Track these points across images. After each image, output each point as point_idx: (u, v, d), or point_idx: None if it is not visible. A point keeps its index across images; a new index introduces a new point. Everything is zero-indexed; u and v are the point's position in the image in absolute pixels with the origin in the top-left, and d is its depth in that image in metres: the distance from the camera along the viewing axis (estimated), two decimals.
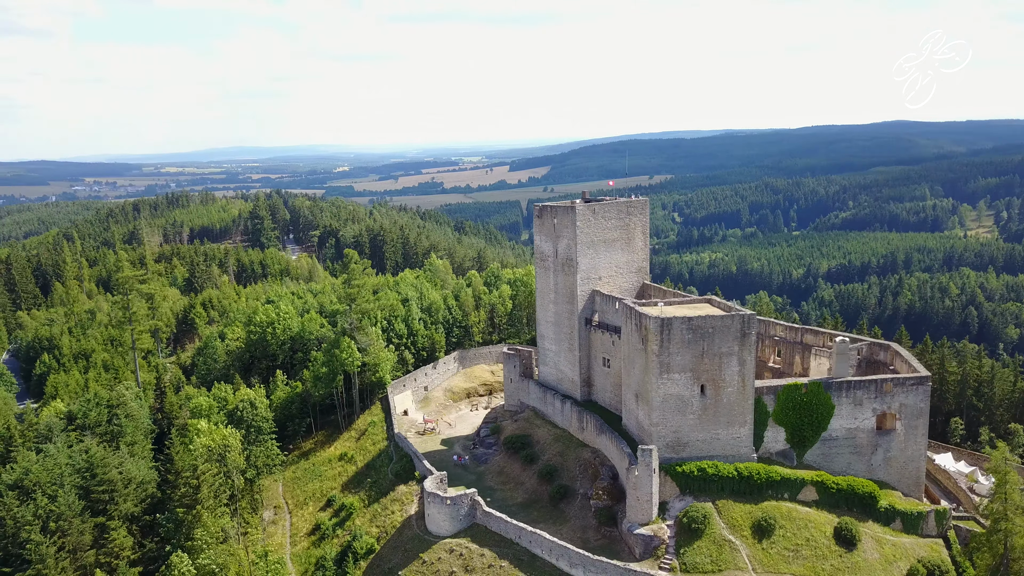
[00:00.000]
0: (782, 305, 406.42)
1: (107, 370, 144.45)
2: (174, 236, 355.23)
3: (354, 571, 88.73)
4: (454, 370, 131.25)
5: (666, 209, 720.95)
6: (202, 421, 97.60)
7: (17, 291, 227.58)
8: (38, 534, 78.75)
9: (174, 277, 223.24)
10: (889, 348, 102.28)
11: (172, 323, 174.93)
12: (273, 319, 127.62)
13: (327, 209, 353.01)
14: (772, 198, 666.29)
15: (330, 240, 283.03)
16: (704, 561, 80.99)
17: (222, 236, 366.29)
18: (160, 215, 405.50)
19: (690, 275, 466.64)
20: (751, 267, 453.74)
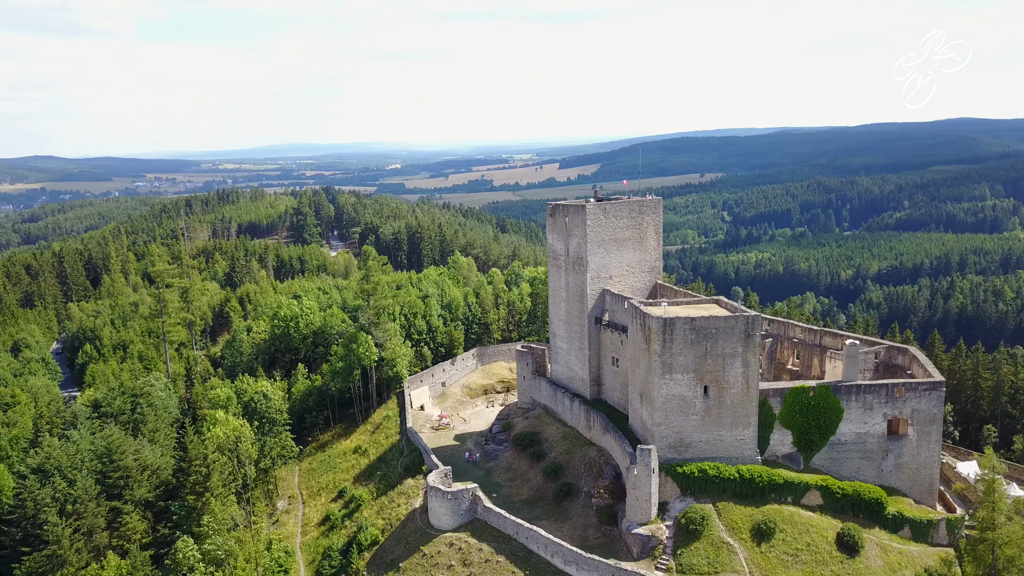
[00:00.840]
0: (828, 307, 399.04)
1: (142, 361, 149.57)
2: (222, 231, 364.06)
3: (358, 561, 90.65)
4: (473, 366, 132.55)
5: (715, 208, 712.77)
6: (218, 412, 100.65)
7: (68, 283, 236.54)
8: (55, 516, 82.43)
9: (215, 271, 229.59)
10: (907, 352, 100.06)
11: (209, 316, 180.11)
12: (296, 314, 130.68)
13: (370, 206, 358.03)
14: (824, 197, 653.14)
15: (370, 237, 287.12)
16: (700, 563, 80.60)
17: (268, 232, 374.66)
18: (211, 211, 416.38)
19: (736, 275, 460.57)
20: (798, 267, 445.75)
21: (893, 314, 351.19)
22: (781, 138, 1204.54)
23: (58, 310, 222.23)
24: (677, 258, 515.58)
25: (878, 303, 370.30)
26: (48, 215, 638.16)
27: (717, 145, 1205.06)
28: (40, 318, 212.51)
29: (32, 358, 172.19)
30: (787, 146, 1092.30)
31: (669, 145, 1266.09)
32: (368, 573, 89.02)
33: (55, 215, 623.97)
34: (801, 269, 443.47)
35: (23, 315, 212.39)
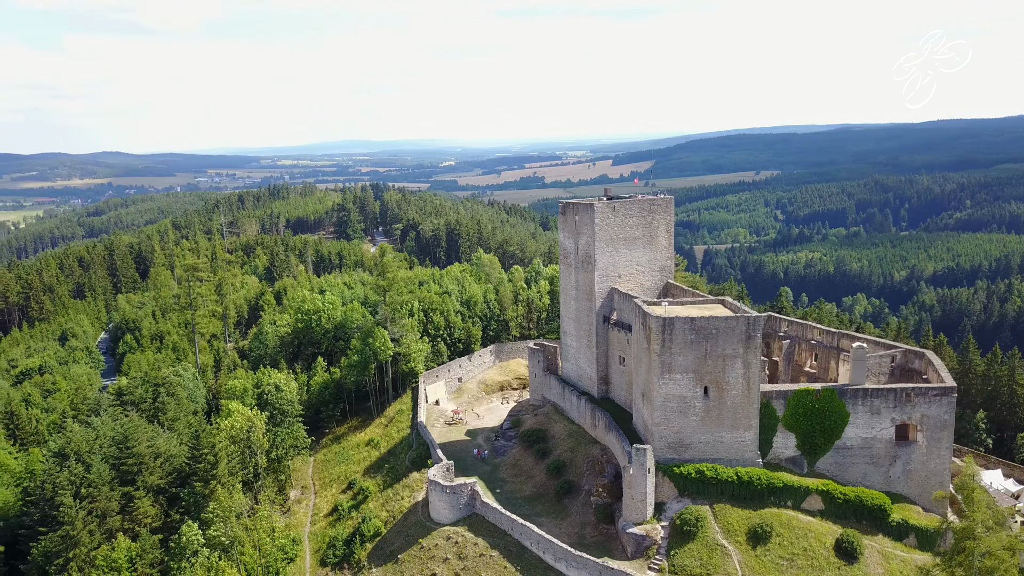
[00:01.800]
0: (879, 308, 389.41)
1: (175, 351, 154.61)
2: (271, 226, 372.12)
3: (360, 552, 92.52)
4: (490, 363, 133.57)
5: (768, 206, 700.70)
6: (233, 402, 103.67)
7: (118, 276, 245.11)
8: (69, 499, 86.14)
9: (255, 266, 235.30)
10: (924, 356, 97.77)
11: (244, 309, 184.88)
12: (319, 308, 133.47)
13: (414, 203, 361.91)
14: (881, 196, 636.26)
15: (411, 233, 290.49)
16: (693, 564, 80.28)
17: (316, 227, 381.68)
18: (261, 206, 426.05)
19: (784, 275, 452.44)
20: (850, 268, 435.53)
21: (947, 317, 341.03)
22: (840, 135, 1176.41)
23: (108, 301, 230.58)
24: (725, 257, 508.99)
25: (931, 305, 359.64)
26: (111, 209, 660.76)
27: (774, 142, 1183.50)
28: (90, 309, 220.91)
29: (77, 347, 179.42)
30: (846, 143, 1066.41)
31: (725, 142, 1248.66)
32: (368, 563, 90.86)
33: (117, 209, 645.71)
34: (852, 269, 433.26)
35: (73, 305, 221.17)
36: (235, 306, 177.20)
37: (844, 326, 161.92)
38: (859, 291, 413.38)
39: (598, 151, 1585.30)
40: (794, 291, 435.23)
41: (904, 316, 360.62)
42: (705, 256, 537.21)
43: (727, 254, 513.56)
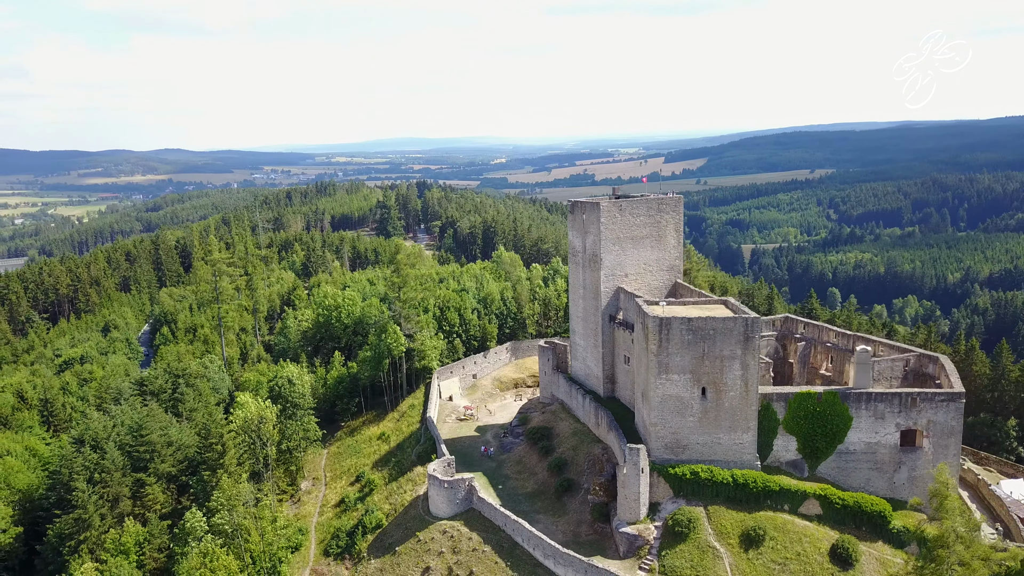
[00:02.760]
0: (930, 310, 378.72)
1: (205, 344, 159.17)
2: (316, 223, 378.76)
3: (361, 543, 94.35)
4: (506, 360, 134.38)
5: (821, 205, 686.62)
6: (246, 394, 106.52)
7: (163, 270, 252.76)
8: (83, 483, 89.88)
9: (292, 261, 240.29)
10: (937, 361, 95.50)
11: (277, 304, 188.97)
12: (339, 304, 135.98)
13: (454, 200, 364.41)
14: (939, 195, 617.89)
15: (449, 230, 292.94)
16: (683, 565, 79.96)
17: (359, 224, 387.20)
18: (308, 202, 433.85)
19: (833, 275, 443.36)
20: (901, 269, 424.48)
21: (1000, 321, 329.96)
22: (901, 132, 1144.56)
23: (152, 295, 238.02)
24: (773, 256, 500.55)
25: (984, 309, 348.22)
26: (168, 205, 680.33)
27: (831, 140, 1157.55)
28: (134, 302, 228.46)
29: (117, 338, 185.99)
30: (906, 141, 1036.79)
31: (780, 140, 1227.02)
32: (368, 555, 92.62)
33: (173, 205, 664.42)
34: (904, 271, 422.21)
35: (118, 298, 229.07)
36: (268, 300, 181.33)
37: (876, 330, 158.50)
38: (910, 293, 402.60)
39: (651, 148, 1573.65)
40: (842, 292, 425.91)
41: (956, 320, 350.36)
42: (752, 255, 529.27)
43: (774, 254, 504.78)
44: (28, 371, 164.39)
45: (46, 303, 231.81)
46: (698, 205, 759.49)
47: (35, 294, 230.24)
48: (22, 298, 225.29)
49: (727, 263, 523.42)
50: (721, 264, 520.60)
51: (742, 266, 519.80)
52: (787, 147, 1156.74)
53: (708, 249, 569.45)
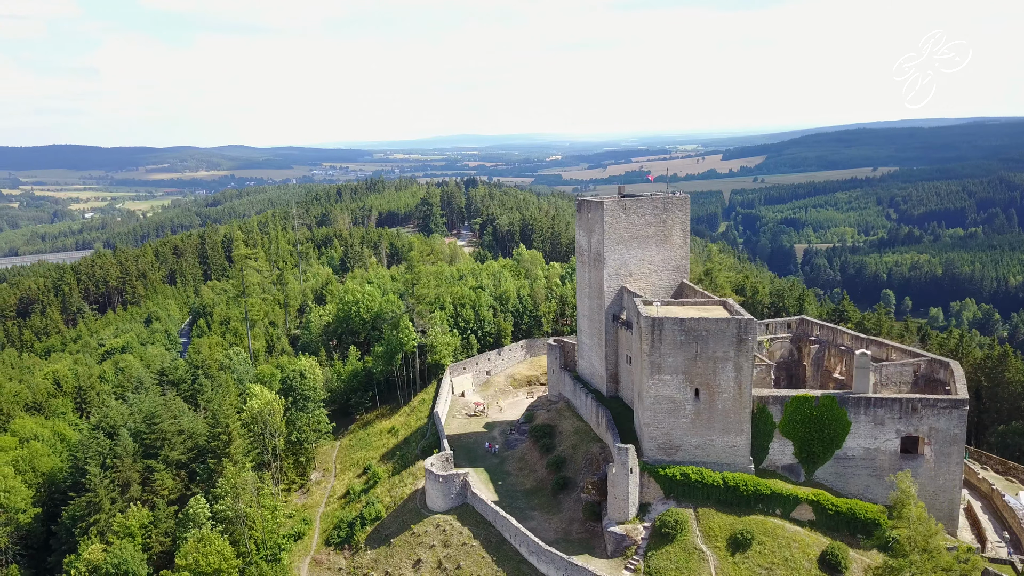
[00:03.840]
0: (989, 314, 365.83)
1: (236, 335, 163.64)
2: (363, 219, 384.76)
3: (360, 534, 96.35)
4: (520, 357, 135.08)
5: (880, 204, 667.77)
6: (258, 385, 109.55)
7: (208, 263, 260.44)
8: (95, 468, 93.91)
9: (331, 256, 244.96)
10: (948, 367, 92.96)
11: (310, 298, 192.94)
12: (358, 299, 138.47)
13: (498, 197, 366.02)
14: (1006, 195, 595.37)
15: (488, 227, 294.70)
16: (668, 567, 79.66)
17: (405, 220, 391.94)
18: (358, 199, 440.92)
19: (888, 277, 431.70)
20: (960, 271, 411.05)
21: None
22: (972, 129, 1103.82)
23: (197, 288, 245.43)
24: (825, 257, 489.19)
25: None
26: (227, 200, 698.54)
27: (897, 137, 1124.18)
28: (179, 294, 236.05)
29: (158, 329, 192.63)
30: (977, 138, 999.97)
31: (843, 137, 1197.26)
32: (365, 546, 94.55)
33: (231, 200, 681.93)
34: (963, 273, 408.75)
35: (163, 290, 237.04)
36: (301, 295, 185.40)
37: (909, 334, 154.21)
38: (969, 295, 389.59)
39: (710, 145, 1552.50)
40: (897, 294, 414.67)
41: (1015, 324, 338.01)
42: (804, 255, 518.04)
43: (827, 254, 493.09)
44: (71, 359, 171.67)
45: (97, 294, 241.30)
46: (753, 203, 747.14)
47: (87, 286, 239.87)
48: (74, 289, 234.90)
49: (779, 263, 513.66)
50: (772, 264, 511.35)
51: (794, 266, 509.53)
52: (850, 144, 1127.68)
53: (760, 248, 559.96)
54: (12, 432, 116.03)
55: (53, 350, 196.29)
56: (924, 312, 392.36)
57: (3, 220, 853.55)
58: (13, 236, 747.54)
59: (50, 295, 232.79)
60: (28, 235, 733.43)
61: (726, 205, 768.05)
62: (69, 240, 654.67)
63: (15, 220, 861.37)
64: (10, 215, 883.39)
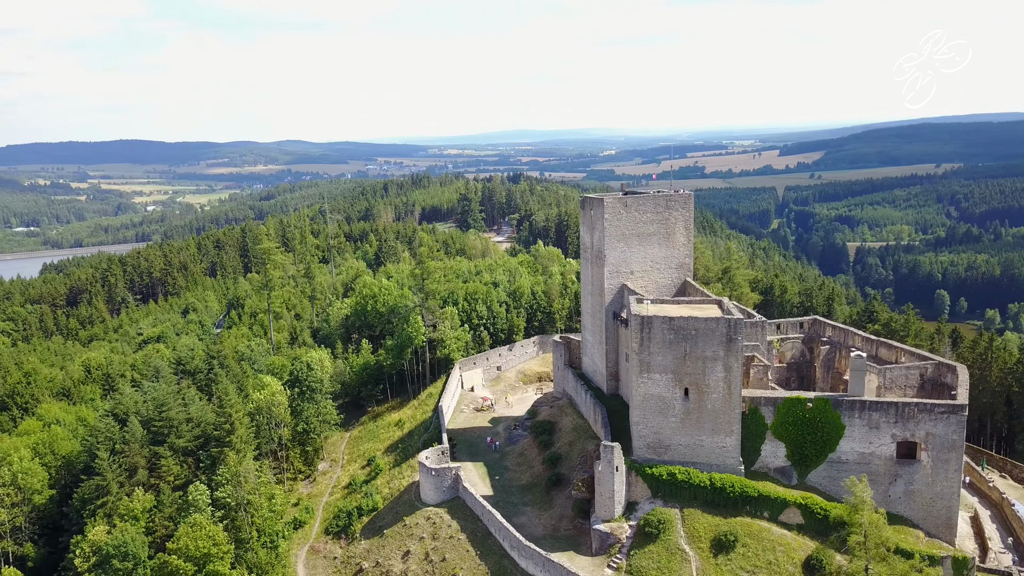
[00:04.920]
0: None
1: (263, 327, 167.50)
2: (405, 214, 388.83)
3: (356, 524, 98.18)
4: (532, 353, 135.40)
5: (941, 202, 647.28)
6: (268, 376, 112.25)
7: (249, 256, 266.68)
8: (104, 452, 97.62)
9: (365, 251, 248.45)
10: (955, 370, 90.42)
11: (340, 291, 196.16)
12: (375, 292, 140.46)
13: (538, 193, 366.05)
14: None
15: (525, 223, 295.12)
16: (650, 566, 79.32)
17: (447, 216, 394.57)
18: (404, 194, 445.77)
19: (943, 277, 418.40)
20: (1020, 272, 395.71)
21: None
22: None
23: (236, 280, 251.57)
24: (877, 256, 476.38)
25: None
26: (280, 194, 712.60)
27: (962, 132, 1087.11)
28: (218, 286, 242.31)
29: (194, 320, 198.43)
30: None
31: (905, 132, 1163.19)
32: (360, 536, 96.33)
33: (284, 194, 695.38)
34: (1023, 274, 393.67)
35: (203, 282, 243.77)
36: (331, 288, 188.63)
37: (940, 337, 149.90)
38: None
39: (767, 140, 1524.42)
40: (952, 295, 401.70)
41: None
42: (857, 254, 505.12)
43: (879, 253, 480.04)
44: (108, 347, 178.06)
45: (141, 285, 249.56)
46: (807, 200, 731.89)
47: (132, 277, 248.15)
48: (120, 280, 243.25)
49: (830, 261, 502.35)
50: (823, 262, 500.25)
51: (846, 265, 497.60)
52: (912, 140, 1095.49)
53: (811, 246, 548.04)
54: (38, 416, 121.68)
55: (96, 338, 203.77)
56: (980, 314, 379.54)
57: (71, 212, 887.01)
58: (79, 228, 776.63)
59: (97, 285, 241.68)
60: (92, 227, 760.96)
61: (779, 202, 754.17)
62: (130, 232, 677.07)
63: (82, 212, 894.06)
64: (77, 207, 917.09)
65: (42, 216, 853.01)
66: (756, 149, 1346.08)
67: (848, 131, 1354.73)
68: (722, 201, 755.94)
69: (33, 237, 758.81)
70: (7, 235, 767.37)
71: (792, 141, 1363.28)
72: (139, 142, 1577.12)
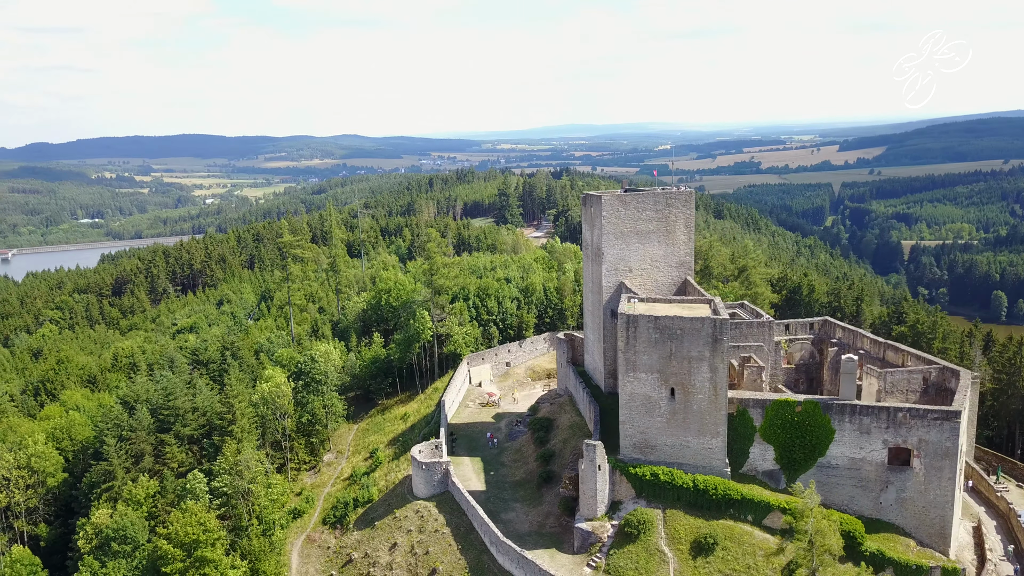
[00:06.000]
0: None
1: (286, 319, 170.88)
2: (447, 209, 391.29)
3: (351, 515, 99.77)
4: (543, 350, 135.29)
5: (1006, 199, 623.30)
6: (274, 368, 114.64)
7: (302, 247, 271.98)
8: (112, 439, 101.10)
9: (399, 246, 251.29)
10: (959, 375, 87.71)
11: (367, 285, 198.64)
12: (390, 287, 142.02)
13: (580, 188, 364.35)
14: None
15: (561, 219, 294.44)
16: (627, 566, 79.00)
17: (488, 211, 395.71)
18: (449, 189, 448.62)
19: (1001, 277, 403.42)
20: None
21: None
22: None
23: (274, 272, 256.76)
24: (932, 255, 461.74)
25: None
26: (331, 188, 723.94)
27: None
28: (255, 278, 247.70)
29: (227, 311, 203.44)
30: None
31: (973, 127, 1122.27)
32: (353, 527, 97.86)
33: (335, 188, 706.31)
34: None
35: (240, 274, 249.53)
36: (358, 282, 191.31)
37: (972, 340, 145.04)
38: None
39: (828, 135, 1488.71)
40: (1009, 296, 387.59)
41: None
42: (912, 252, 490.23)
43: (935, 252, 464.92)
44: (142, 337, 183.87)
45: (183, 277, 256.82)
46: (863, 197, 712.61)
47: (174, 268, 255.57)
48: (163, 271, 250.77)
49: (883, 260, 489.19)
50: (876, 261, 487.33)
51: (900, 263, 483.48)
52: (980, 135, 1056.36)
53: (865, 245, 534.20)
54: (61, 402, 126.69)
55: (135, 328, 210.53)
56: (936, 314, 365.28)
57: (133, 205, 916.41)
58: (139, 220, 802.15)
59: (140, 276, 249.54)
60: (152, 219, 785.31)
61: (835, 198, 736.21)
62: (187, 225, 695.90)
63: (143, 205, 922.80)
64: (139, 200, 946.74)
65: (106, 208, 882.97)
66: (815, 144, 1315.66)
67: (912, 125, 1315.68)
68: (775, 197, 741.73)
69: (97, 228, 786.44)
70: (73, 226, 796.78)
71: (853, 136, 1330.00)
72: (200, 136, 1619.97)
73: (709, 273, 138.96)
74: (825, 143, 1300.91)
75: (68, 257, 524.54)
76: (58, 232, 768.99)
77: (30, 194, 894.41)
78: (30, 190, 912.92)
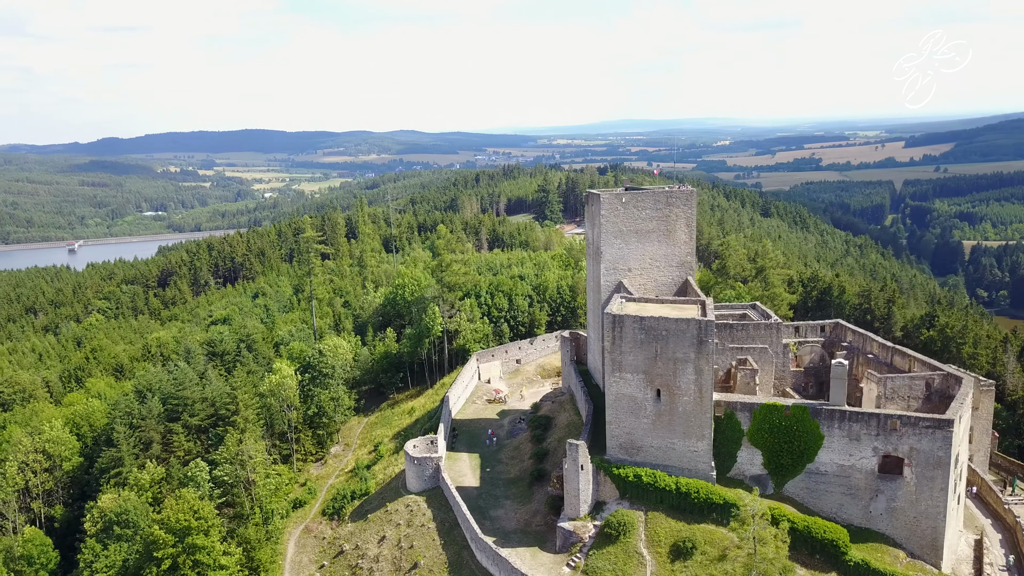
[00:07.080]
0: None
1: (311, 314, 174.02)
2: (491, 205, 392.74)
3: (348, 507, 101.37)
4: (554, 348, 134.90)
5: None
6: (284, 361, 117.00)
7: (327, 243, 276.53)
8: (121, 426, 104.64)
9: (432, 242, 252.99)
10: (961, 382, 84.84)
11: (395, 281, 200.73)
12: (406, 282, 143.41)
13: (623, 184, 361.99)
14: None
15: None
16: (605, 567, 78.59)
17: (531, 207, 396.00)
18: (495, 184, 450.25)
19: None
20: None
21: None
22: None
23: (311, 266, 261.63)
24: (994, 256, 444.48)
25: None
26: (384, 183, 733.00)
27: None
28: (292, 272, 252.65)
29: (260, 304, 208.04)
30: None
31: None
32: (348, 519, 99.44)
33: (387, 183, 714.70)
34: None
35: (278, 267, 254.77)
36: (386, 277, 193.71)
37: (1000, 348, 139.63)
38: None
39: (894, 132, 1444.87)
40: None
41: None
42: (972, 253, 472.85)
43: (996, 252, 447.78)
44: (177, 328, 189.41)
45: (224, 269, 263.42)
46: (926, 195, 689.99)
47: (216, 261, 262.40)
48: (205, 264, 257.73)
49: (943, 261, 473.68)
50: (935, 261, 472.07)
51: (960, 264, 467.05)
52: None
53: (924, 244, 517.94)
54: (85, 389, 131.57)
55: (174, 319, 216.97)
56: None
57: (195, 198, 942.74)
58: (199, 213, 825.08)
59: (184, 268, 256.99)
60: (211, 212, 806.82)
61: (895, 196, 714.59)
62: (244, 218, 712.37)
63: (205, 198, 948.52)
64: (201, 194, 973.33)
65: (169, 201, 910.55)
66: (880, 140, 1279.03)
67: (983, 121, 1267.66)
68: (832, 195, 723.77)
69: (159, 221, 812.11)
70: (137, 219, 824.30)
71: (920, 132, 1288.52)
72: (262, 131, 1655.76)
73: (726, 273, 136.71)
74: (891, 139, 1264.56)
75: (129, 249, 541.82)
76: (123, 224, 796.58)
77: (98, 187, 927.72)
78: (99, 183, 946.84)
